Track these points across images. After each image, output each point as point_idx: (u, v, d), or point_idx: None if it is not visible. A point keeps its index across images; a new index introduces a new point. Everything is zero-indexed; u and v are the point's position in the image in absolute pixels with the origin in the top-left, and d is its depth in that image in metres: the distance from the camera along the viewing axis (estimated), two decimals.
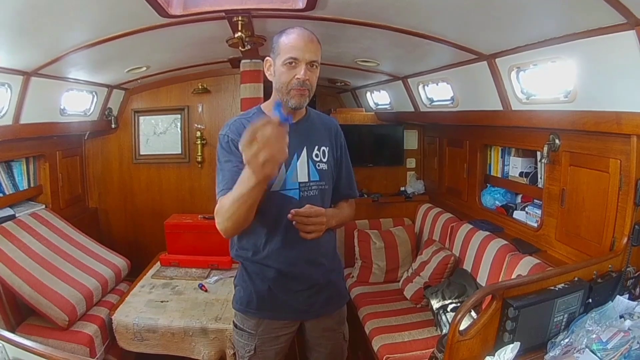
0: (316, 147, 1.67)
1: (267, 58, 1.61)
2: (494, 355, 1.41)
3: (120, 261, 3.20)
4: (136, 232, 4.17)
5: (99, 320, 2.57)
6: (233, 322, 1.79)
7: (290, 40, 1.51)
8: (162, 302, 2.72)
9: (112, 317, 2.53)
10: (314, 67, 1.53)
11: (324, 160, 1.68)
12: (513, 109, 2.38)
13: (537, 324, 1.55)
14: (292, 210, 1.54)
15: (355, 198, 1.89)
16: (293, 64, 1.50)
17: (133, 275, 3.22)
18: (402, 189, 4.24)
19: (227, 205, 1.39)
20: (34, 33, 2.08)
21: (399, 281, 3.42)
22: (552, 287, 1.58)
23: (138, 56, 3.04)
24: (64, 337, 2.39)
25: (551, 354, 1.51)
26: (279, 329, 1.73)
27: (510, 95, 2.35)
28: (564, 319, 1.59)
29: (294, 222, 1.54)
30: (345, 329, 1.90)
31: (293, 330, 1.77)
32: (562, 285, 1.59)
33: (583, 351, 1.43)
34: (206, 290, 2.87)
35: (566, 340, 1.52)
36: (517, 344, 1.41)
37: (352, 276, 3.56)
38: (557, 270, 1.70)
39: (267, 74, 1.63)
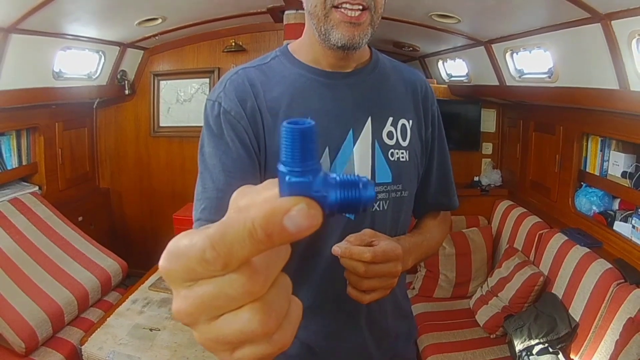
0: (390, 121, 0.95)
1: None
2: None
3: (111, 264, 2.67)
4: (153, 217, 3.65)
5: (67, 348, 2.15)
6: None
7: None
8: (151, 330, 2.18)
9: (82, 347, 2.09)
10: None
11: (404, 144, 0.96)
12: (632, 89, 1.88)
13: None
14: (336, 247, 0.78)
15: (453, 210, 1.13)
16: None
17: (138, 274, 2.73)
18: (476, 179, 3.59)
19: None
20: None
21: (469, 297, 2.88)
22: None
23: (150, 4, 2.58)
24: None
25: None
26: None
27: (629, 71, 1.86)
28: None
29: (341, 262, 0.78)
30: None
31: None
32: None
33: None
34: None
35: None
36: None
37: (413, 287, 3.02)
38: None
39: None
